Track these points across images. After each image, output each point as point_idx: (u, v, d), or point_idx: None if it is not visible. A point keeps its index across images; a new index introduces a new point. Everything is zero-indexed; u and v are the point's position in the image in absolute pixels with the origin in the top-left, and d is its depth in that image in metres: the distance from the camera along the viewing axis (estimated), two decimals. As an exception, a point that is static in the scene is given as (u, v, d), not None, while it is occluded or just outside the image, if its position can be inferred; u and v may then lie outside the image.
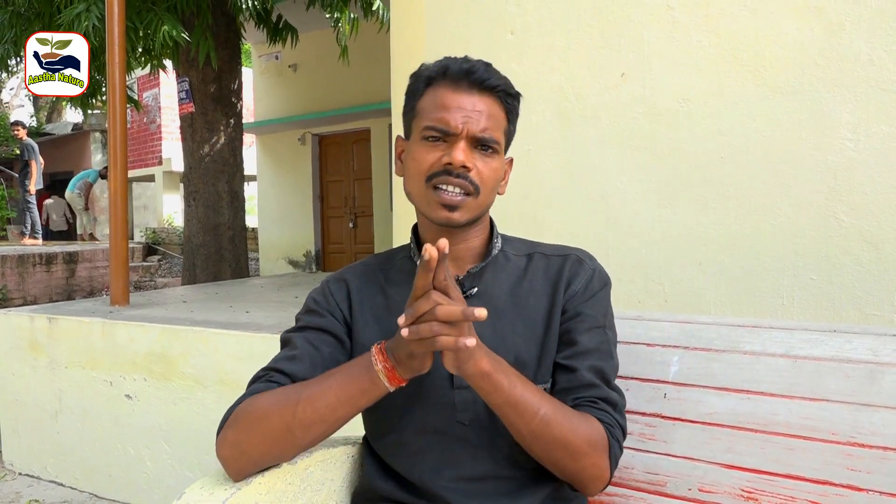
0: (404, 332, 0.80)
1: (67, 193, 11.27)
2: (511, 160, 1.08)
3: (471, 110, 0.95)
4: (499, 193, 1.04)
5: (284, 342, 1.04)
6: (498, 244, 1.06)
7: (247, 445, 0.92)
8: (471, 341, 0.79)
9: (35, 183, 9.54)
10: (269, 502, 0.96)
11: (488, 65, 0.98)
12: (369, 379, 0.88)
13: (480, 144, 0.96)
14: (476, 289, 1.02)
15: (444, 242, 0.78)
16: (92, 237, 11.55)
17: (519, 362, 0.96)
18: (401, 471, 1.02)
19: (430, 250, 0.77)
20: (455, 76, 0.96)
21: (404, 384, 0.89)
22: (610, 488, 1.12)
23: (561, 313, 1.01)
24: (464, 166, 0.94)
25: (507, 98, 1.00)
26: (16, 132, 10.01)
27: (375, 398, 0.90)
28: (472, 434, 0.98)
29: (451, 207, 0.95)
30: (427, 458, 0.99)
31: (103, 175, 10.96)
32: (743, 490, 1.04)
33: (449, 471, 0.98)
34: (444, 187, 0.95)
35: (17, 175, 10.15)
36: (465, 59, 0.98)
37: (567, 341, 0.99)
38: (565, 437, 0.90)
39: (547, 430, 0.89)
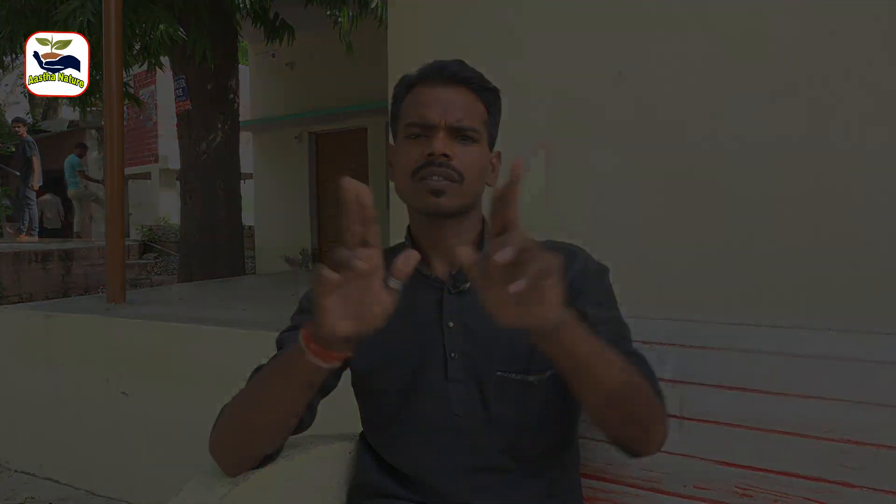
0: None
1: (71, 192, 11.12)
2: (499, 154, 1.09)
3: (446, 102, 0.99)
4: (488, 185, 1.05)
5: (279, 343, 1.05)
6: None
7: (224, 441, 0.95)
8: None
9: (38, 180, 9.54)
10: (266, 499, 0.96)
11: (461, 62, 1.02)
12: (296, 345, 0.81)
13: (460, 134, 0.99)
14: (469, 283, 1.02)
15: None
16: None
17: (513, 354, 0.97)
18: (397, 465, 1.02)
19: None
20: (430, 75, 1.01)
21: (313, 345, 0.78)
22: (605, 485, 1.13)
23: None
24: (444, 154, 0.96)
25: (484, 92, 1.03)
26: (17, 129, 9.99)
27: (304, 370, 0.81)
28: (467, 426, 0.98)
29: (438, 193, 0.97)
30: (423, 451, 0.99)
31: (80, 154, 10.91)
32: (738, 487, 1.05)
33: (445, 463, 0.98)
34: (429, 177, 0.97)
35: (17, 173, 10.13)
36: (439, 60, 1.02)
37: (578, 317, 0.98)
38: (640, 382, 0.86)
39: (629, 377, 0.84)
